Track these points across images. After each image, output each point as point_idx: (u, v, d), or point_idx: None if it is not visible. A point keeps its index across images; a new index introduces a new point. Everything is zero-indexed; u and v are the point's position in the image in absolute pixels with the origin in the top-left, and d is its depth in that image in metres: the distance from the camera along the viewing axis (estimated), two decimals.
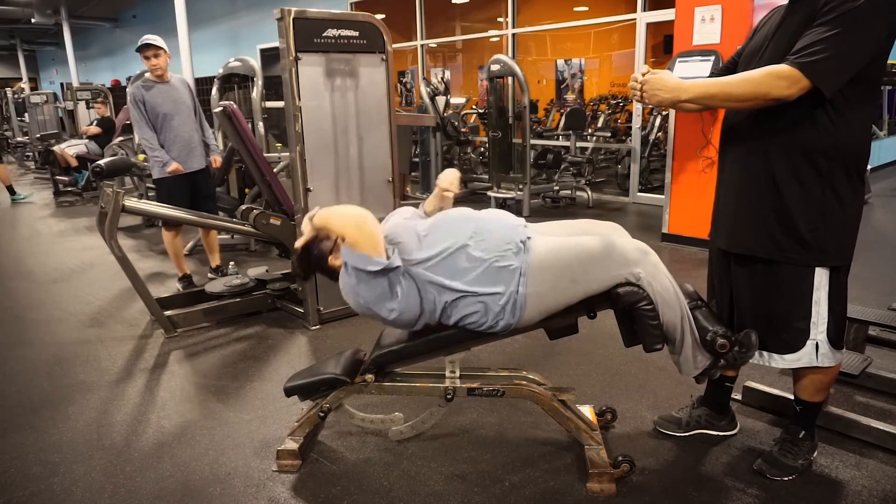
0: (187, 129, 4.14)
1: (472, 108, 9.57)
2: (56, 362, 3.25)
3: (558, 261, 1.93)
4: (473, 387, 2.16)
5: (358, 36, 3.47)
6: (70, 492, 2.15)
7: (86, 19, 18.29)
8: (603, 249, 1.92)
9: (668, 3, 5.82)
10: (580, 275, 1.91)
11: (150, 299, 3.50)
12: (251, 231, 3.77)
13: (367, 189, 3.67)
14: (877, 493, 2.01)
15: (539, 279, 1.92)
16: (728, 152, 2.03)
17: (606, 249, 1.92)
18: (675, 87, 1.86)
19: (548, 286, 1.93)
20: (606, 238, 1.97)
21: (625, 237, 2.07)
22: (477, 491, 2.08)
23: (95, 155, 7.85)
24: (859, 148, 1.83)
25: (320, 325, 3.62)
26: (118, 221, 3.40)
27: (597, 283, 1.92)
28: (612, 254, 1.91)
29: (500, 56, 6.98)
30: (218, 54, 13.08)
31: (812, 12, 1.73)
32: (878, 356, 2.79)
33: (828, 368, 1.98)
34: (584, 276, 1.91)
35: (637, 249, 1.93)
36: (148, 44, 3.96)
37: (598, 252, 1.92)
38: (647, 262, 1.91)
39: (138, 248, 5.70)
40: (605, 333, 3.23)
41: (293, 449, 2.24)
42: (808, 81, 1.69)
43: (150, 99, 4.01)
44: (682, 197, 5.15)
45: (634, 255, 1.91)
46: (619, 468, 2.07)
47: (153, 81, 4.05)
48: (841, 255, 1.88)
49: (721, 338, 1.94)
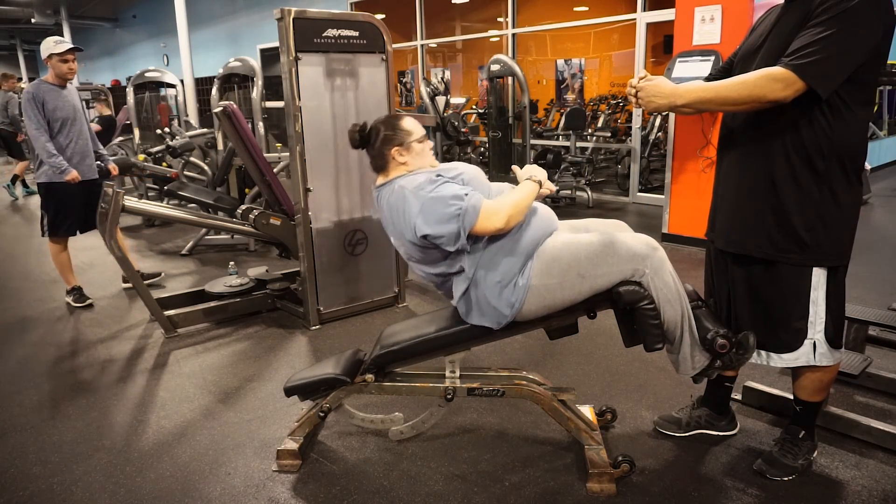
0: (84, 137, 3.99)
1: (472, 108, 9.58)
2: (56, 362, 3.25)
3: (568, 254, 1.94)
4: (473, 387, 2.16)
5: (358, 36, 3.47)
6: (70, 492, 2.15)
7: (86, 19, 18.30)
8: (610, 244, 1.93)
9: (668, 3, 5.82)
10: (588, 269, 1.92)
11: (150, 299, 3.49)
12: (251, 231, 3.77)
13: (367, 189, 3.67)
14: (877, 493, 2.01)
15: (548, 272, 1.94)
16: (726, 153, 2.04)
17: (614, 244, 1.93)
18: (670, 92, 1.87)
19: (556, 280, 1.94)
20: (613, 234, 1.98)
21: (631, 233, 2.07)
22: (477, 491, 2.08)
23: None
24: (856, 148, 1.83)
25: (320, 325, 3.62)
26: (118, 221, 3.41)
27: (604, 277, 1.93)
28: (620, 249, 1.92)
29: (500, 56, 6.98)
30: (218, 54, 13.09)
31: (807, 12, 1.73)
32: (878, 356, 2.79)
33: (826, 368, 1.98)
34: (592, 270, 1.92)
35: (645, 244, 1.94)
36: (75, 47, 3.86)
37: (606, 247, 1.93)
38: (654, 257, 1.92)
39: (138, 248, 5.70)
40: (605, 333, 3.23)
41: (293, 449, 2.24)
42: (803, 83, 1.69)
43: (50, 102, 3.77)
44: (682, 197, 5.15)
45: (642, 249, 1.92)
46: (619, 468, 2.07)
47: (54, 85, 3.83)
48: (838, 254, 1.88)
49: (721, 338, 1.94)
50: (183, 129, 7.39)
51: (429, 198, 1.91)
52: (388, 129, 2.07)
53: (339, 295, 3.71)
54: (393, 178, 2.05)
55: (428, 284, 4.33)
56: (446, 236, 1.89)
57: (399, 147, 2.05)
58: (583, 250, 1.94)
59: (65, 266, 4.13)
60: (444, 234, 1.89)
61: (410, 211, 1.94)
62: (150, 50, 17.23)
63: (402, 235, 2.01)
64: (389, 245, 3.86)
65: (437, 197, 1.91)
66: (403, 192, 1.97)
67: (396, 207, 1.99)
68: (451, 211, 1.88)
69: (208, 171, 6.08)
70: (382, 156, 2.08)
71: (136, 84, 7.99)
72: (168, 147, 5.92)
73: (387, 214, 2.06)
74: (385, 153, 2.06)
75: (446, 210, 1.88)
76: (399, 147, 2.05)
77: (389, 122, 2.10)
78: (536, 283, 1.94)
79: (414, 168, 2.05)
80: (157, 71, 8.14)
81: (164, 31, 15.59)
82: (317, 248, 3.55)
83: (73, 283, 4.16)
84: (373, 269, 3.80)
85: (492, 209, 1.89)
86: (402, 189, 1.98)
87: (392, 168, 2.07)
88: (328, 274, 3.63)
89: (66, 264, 4.13)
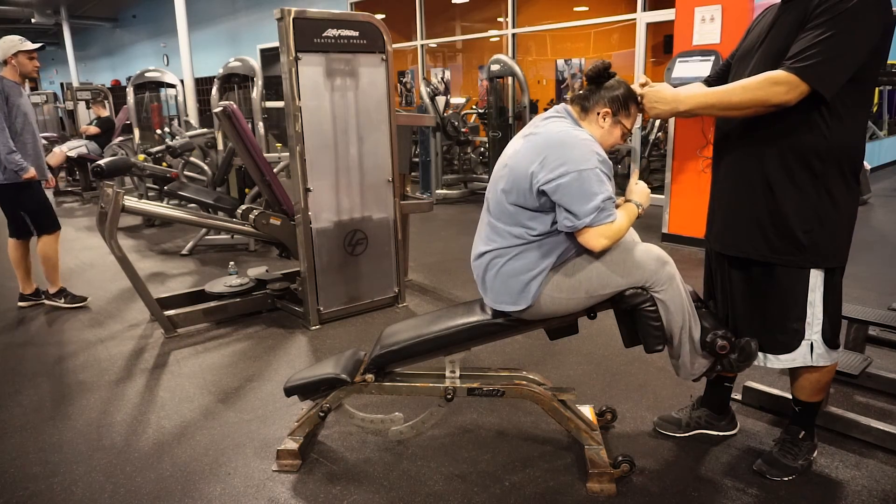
0: (37, 137, 3.96)
1: (472, 108, 9.57)
2: (56, 362, 3.25)
3: (581, 275, 1.94)
4: (473, 387, 2.16)
5: (358, 36, 3.47)
6: (70, 492, 2.15)
7: (86, 19, 18.29)
8: (621, 263, 1.93)
9: (668, 3, 5.82)
10: (597, 290, 1.95)
11: (150, 299, 3.49)
12: (251, 231, 3.78)
13: (367, 189, 3.68)
14: (877, 493, 2.01)
15: (558, 287, 1.95)
16: (722, 155, 2.03)
17: (624, 264, 1.92)
18: (672, 99, 1.87)
19: (564, 295, 1.96)
20: (625, 251, 1.95)
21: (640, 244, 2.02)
22: (477, 491, 2.08)
23: (96, 155, 7.85)
24: (854, 149, 1.83)
25: (320, 325, 3.62)
26: (118, 221, 3.41)
27: (610, 294, 1.96)
28: (630, 268, 1.92)
29: (500, 56, 6.98)
30: (218, 54, 13.09)
31: (805, 12, 1.73)
32: (878, 356, 2.80)
33: (824, 368, 1.98)
34: (600, 290, 1.95)
35: (655, 260, 1.93)
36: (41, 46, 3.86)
37: (617, 266, 1.93)
38: (662, 272, 1.92)
39: (138, 248, 5.70)
40: (605, 333, 3.23)
41: (293, 449, 2.24)
42: (806, 86, 1.69)
43: (13, 97, 3.74)
44: (682, 197, 5.15)
45: (652, 265, 1.92)
46: (619, 468, 2.07)
47: (16, 83, 3.81)
48: (836, 256, 1.88)
49: (721, 339, 1.94)
50: (183, 129, 7.40)
51: (596, 171, 1.80)
52: (624, 95, 1.93)
53: (339, 295, 3.71)
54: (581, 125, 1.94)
55: (428, 284, 4.34)
56: (572, 206, 1.80)
57: (611, 112, 1.92)
58: (594, 271, 1.93)
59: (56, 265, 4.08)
60: (570, 203, 1.80)
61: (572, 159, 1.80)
62: (150, 50, 17.23)
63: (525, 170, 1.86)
64: (389, 245, 3.88)
65: (601, 176, 1.81)
66: (585, 143, 1.84)
67: (563, 143, 1.84)
68: (594, 198, 1.79)
69: (208, 171, 6.08)
70: (597, 103, 1.93)
71: (136, 84, 8.00)
72: (168, 147, 5.92)
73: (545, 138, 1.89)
74: (601, 103, 1.92)
75: (594, 194, 1.79)
76: (611, 112, 1.92)
77: (629, 93, 1.94)
78: (546, 292, 1.95)
79: (599, 139, 1.92)
80: (157, 71, 8.15)
81: (164, 31, 15.58)
82: (317, 248, 3.55)
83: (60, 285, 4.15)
84: (373, 269, 3.80)
85: (608, 233, 1.83)
86: (586, 140, 1.85)
87: (587, 118, 1.95)
88: (328, 274, 3.63)
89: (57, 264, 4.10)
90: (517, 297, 1.96)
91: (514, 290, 1.95)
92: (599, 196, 1.80)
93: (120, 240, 3.42)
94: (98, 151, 8.00)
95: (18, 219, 3.93)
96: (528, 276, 1.93)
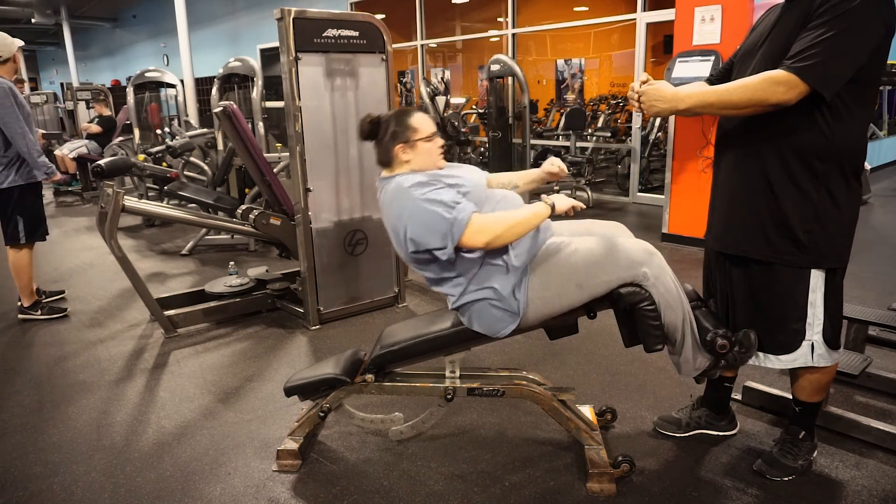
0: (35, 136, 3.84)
1: (472, 108, 9.58)
2: (56, 362, 3.25)
3: (565, 266, 1.93)
4: (473, 387, 2.16)
5: (358, 36, 3.47)
6: (70, 492, 2.15)
7: (86, 19, 18.30)
8: (608, 252, 1.92)
9: (668, 3, 5.82)
10: (586, 279, 1.92)
11: (150, 299, 3.49)
12: (251, 231, 3.78)
13: (367, 189, 3.68)
14: (877, 493, 2.01)
15: (545, 286, 1.93)
16: (722, 155, 2.03)
17: (612, 252, 1.92)
18: (672, 97, 1.86)
19: (553, 292, 1.94)
20: (611, 240, 1.96)
21: (629, 238, 2.06)
22: (477, 491, 2.08)
23: (96, 155, 7.85)
24: (856, 149, 1.82)
25: (320, 325, 3.62)
26: (118, 221, 3.40)
27: (603, 285, 1.93)
28: (618, 257, 1.91)
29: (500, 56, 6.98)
30: (218, 54, 13.09)
31: (807, 12, 1.73)
32: (878, 356, 2.80)
33: (824, 369, 1.98)
34: (590, 280, 1.92)
35: (643, 251, 1.93)
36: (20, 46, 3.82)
37: (604, 255, 1.92)
38: (652, 263, 1.91)
39: (138, 248, 5.70)
40: (605, 333, 3.23)
41: (293, 449, 2.24)
42: (806, 86, 1.69)
43: (18, 96, 3.67)
44: (682, 197, 5.15)
45: (640, 256, 1.91)
46: (619, 468, 2.07)
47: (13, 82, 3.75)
48: (837, 256, 1.88)
49: (721, 338, 1.94)
50: (183, 129, 7.40)
51: (420, 201, 1.87)
52: (397, 125, 2.01)
53: (339, 295, 3.71)
54: (395, 174, 2.02)
55: None
56: (432, 244, 1.86)
57: (404, 144, 2.00)
58: (580, 260, 1.92)
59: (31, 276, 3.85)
60: (428, 242, 1.86)
61: (402, 212, 1.90)
62: (150, 50, 17.24)
63: (395, 233, 1.99)
64: (389, 245, 3.86)
65: (428, 200, 1.87)
66: (398, 190, 1.94)
67: (390, 205, 1.96)
68: (437, 219, 1.84)
69: (208, 171, 6.08)
70: (387, 151, 2.02)
71: (136, 84, 8.00)
72: (168, 147, 5.92)
73: (384, 210, 2.03)
74: (390, 149, 2.01)
75: (434, 217, 1.84)
76: (404, 144, 2.00)
77: (399, 117, 2.03)
78: (534, 296, 1.94)
79: (417, 167, 2.01)
80: (157, 71, 8.15)
81: (164, 31, 15.59)
82: (317, 248, 3.55)
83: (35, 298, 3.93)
84: (373, 269, 3.80)
85: (478, 226, 1.84)
86: (398, 187, 1.94)
87: (395, 165, 2.04)
88: (328, 274, 3.63)
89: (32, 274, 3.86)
90: (508, 320, 1.97)
91: (499, 318, 1.96)
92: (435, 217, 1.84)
93: (120, 240, 3.42)
94: (98, 151, 8.00)
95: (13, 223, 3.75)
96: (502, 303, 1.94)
